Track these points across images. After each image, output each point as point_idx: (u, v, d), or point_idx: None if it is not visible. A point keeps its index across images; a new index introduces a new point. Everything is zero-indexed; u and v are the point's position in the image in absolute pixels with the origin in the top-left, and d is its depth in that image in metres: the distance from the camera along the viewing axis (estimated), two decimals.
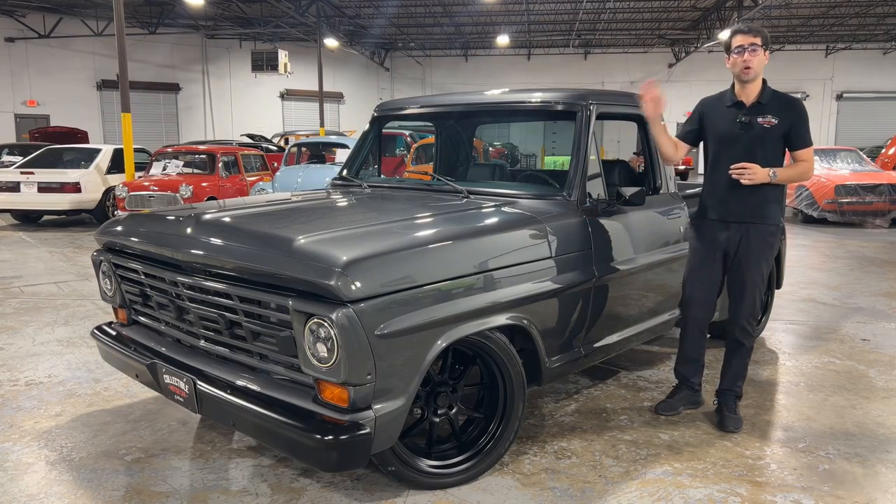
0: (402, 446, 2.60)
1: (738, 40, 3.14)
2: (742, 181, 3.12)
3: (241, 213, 3.12)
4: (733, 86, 3.26)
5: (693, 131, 3.38)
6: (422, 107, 4.17)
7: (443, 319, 2.46)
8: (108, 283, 3.23)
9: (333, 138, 14.14)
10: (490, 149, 16.22)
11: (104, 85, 23.93)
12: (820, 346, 4.73)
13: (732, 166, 3.15)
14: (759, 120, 3.16)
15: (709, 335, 4.64)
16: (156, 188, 9.92)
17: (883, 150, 14.91)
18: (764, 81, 3.21)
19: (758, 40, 3.11)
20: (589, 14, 23.06)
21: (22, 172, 10.82)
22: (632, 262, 3.46)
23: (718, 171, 3.25)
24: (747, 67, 3.11)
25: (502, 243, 2.81)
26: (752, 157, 3.15)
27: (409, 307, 2.37)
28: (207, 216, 2.92)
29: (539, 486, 2.77)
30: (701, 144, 3.43)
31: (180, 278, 2.72)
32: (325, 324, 2.22)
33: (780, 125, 3.14)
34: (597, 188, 3.35)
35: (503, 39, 25.70)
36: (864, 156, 13.04)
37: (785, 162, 3.24)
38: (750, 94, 3.19)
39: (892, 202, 11.11)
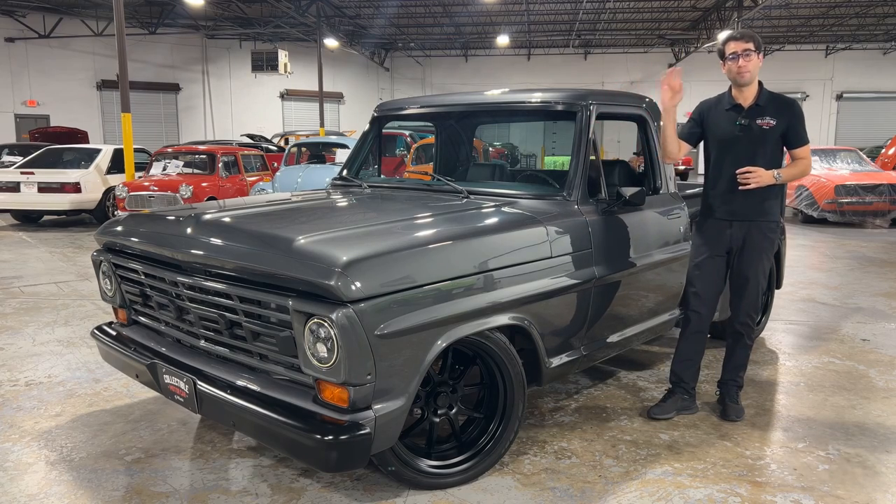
0: (402, 446, 2.60)
1: (732, 47, 3.22)
2: (750, 186, 3.20)
3: (241, 213, 3.12)
4: (730, 89, 3.33)
5: (695, 133, 3.46)
6: (422, 107, 4.17)
7: (443, 319, 2.46)
8: (108, 283, 3.23)
9: (333, 138, 14.14)
10: (490, 149, 16.20)
11: (104, 85, 23.92)
12: (820, 346, 4.73)
13: (738, 171, 3.22)
14: (758, 122, 3.24)
15: (709, 335, 4.67)
16: (156, 188, 9.92)
17: (883, 150, 14.90)
18: (760, 83, 3.30)
19: (751, 45, 3.19)
20: (589, 14, 23.05)
21: (22, 172, 10.82)
22: (632, 262, 3.46)
23: (720, 171, 3.33)
24: (745, 72, 3.19)
25: (502, 243, 2.81)
26: (753, 157, 3.24)
27: (409, 307, 2.37)
28: (207, 216, 2.92)
29: (539, 486, 2.77)
30: (701, 145, 3.51)
31: (180, 278, 2.72)
32: (325, 324, 2.22)
33: (777, 126, 3.23)
34: (597, 188, 3.36)
35: (503, 39, 25.70)
36: (864, 156, 13.04)
37: (785, 161, 3.31)
38: (747, 97, 3.27)
39: (892, 202, 11.11)
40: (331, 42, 23.71)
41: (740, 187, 3.22)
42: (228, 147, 12.73)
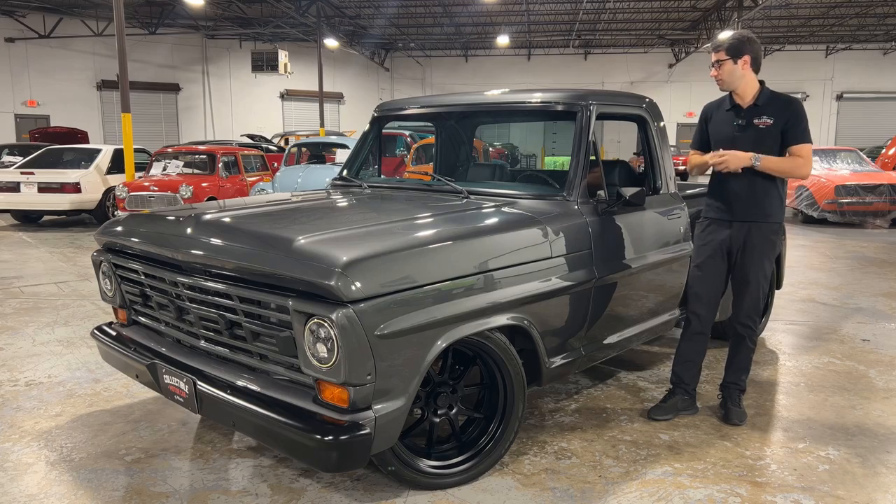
0: (402, 446, 2.60)
1: (711, 57, 3.33)
2: (720, 168, 3.23)
3: (241, 214, 3.12)
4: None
5: (704, 139, 3.50)
6: (422, 107, 4.17)
7: (443, 320, 2.46)
8: (108, 283, 3.23)
9: (333, 138, 14.12)
10: (490, 149, 16.20)
11: (104, 85, 23.95)
12: (820, 346, 4.73)
13: (712, 160, 3.25)
14: (756, 121, 3.25)
15: (710, 336, 4.66)
16: (156, 188, 9.92)
17: (883, 151, 14.90)
18: (761, 83, 3.31)
19: (721, 55, 3.26)
20: (589, 14, 23.07)
21: (22, 173, 10.82)
22: (632, 262, 3.46)
23: (721, 172, 3.32)
24: (718, 80, 3.30)
25: (502, 244, 2.81)
26: None
27: (409, 307, 2.37)
28: (207, 216, 2.92)
29: (539, 486, 2.77)
30: None
31: (180, 278, 2.72)
32: (325, 324, 2.22)
33: (776, 125, 3.22)
34: (597, 188, 3.36)
35: (503, 40, 25.71)
36: (864, 156, 13.04)
37: None
38: (745, 98, 3.29)
39: (892, 202, 11.11)
40: (331, 42, 23.73)
41: (717, 168, 3.24)
42: (228, 147, 12.72)
